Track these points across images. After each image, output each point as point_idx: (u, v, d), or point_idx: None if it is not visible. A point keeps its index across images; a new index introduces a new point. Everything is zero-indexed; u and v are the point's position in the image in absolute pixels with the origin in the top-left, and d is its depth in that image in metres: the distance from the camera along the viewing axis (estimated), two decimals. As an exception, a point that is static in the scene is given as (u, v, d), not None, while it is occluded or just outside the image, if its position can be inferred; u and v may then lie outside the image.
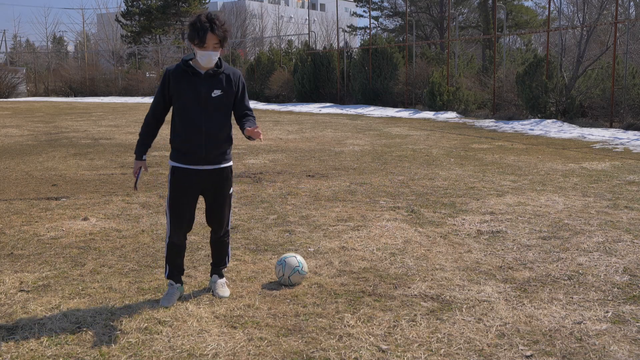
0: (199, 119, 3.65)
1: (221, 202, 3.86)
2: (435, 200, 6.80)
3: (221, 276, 4.05)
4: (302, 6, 77.59)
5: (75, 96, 42.13)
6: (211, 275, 4.07)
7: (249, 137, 3.71)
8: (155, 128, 3.88)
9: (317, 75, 27.16)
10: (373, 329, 3.44)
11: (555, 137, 13.56)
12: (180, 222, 3.82)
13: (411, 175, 8.51)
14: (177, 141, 3.75)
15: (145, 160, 3.92)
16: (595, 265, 4.49)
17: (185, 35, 3.74)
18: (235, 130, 3.84)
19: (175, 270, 3.90)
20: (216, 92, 3.64)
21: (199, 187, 3.79)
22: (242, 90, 3.77)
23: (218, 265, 4.05)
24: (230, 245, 4.13)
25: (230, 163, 3.86)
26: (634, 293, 3.95)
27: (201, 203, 4.00)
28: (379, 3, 39.66)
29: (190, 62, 3.64)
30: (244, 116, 3.81)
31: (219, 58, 3.67)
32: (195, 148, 3.68)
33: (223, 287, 3.96)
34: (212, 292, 3.95)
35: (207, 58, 3.56)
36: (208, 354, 3.16)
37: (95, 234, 5.51)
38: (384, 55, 24.26)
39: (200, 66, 3.63)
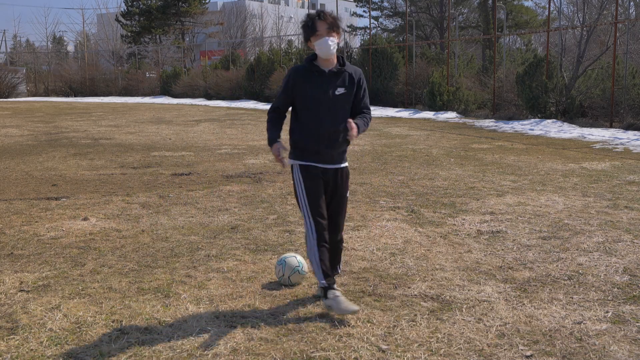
0: (323, 117, 3.62)
1: (339, 204, 3.79)
2: (435, 200, 6.80)
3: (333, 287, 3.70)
4: (302, 6, 77.58)
5: (75, 96, 42.14)
6: None
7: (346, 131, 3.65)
8: (281, 122, 3.75)
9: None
10: (373, 329, 3.44)
11: (555, 137, 13.56)
12: (321, 215, 3.63)
13: (411, 175, 8.51)
14: (301, 139, 3.67)
15: (280, 141, 3.62)
16: (595, 265, 4.49)
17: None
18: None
19: (327, 269, 3.62)
20: (340, 90, 3.63)
21: (322, 186, 3.71)
22: (363, 89, 3.74)
23: (332, 269, 3.79)
24: (342, 252, 3.96)
25: (347, 163, 3.82)
26: (634, 293, 3.95)
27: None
28: (379, 3, 39.67)
29: (314, 61, 3.65)
30: (360, 113, 3.76)
31: (341, 57, 3.68)
32: (319, 146, 3.64)
33: (349, 303, 3.60)
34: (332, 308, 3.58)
35: (324, 44, 3.53)
36: (208, 354, 3.16)
37: (95, 234, 5.51)
38: (384, 55, 24.27)
39: (322, 63, 3.63)
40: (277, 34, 48.91)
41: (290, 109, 3.76)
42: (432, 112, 20.42)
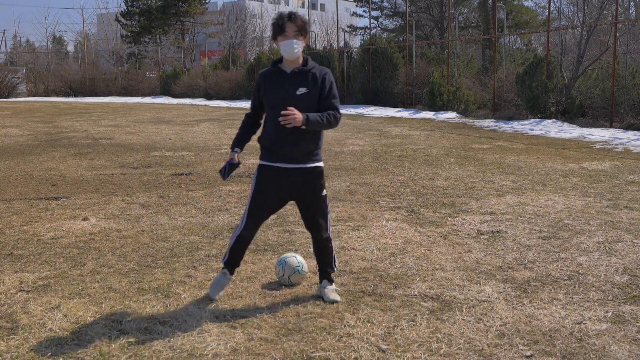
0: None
1: (313, 204, 3.77)
2: (435, 200, 6.80)
3: (331, 281, 3.94)
4: (302, 6, 77.56)
5: (75, 96, 42.14)
6: (321, 281, 3.97)
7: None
8: (252, 126, 3.91)
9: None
10: (373, 329, 3.44)
11: (555, 137, 13.56)
12: (257, 219, 3.80)
13: (411, 175, 8.51)
14: (265, 139, 3.75)
15: (236, 151, 3.83)
16: (595, 265, 4.49)
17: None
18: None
19: (234, 260, 3.91)
20: (301, 90, 3.66)
21: (285, 187, 3.75)
22: (328, 88, 3.74)
23: (325, 269, 3.94)
24: (334, 250, 4.00)
25: (319, 164, 3.78)
26: (634, 293, 3.95)
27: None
28: (379, 3, 39.67)
29: (279, 64, 3.75)
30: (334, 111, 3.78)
31: (306, 58, 3.74)
32: (283, 146, 3.68)
33: (334, 293, 3.87)
34: (323, 298, 3.85)
35: (288, 46, 3.62)
36: (208, 354, 3.16)
37: (95, 234, 5.51)
38: (384, 55, 24.27)
39: (287, 65, 3.71)
40: (277, 34, 48.84)
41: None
42: (432, 112, 20.42)
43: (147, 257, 4.82)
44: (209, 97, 33.10)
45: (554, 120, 16.33)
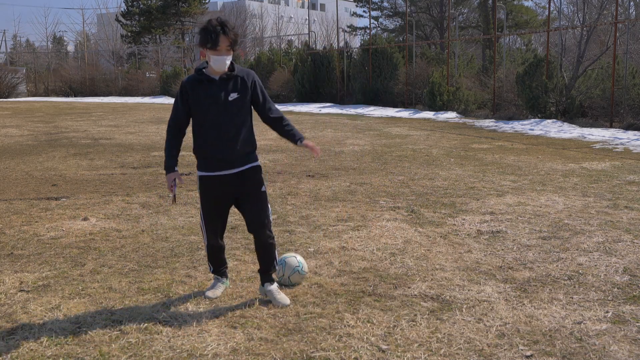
0: (219, 125, 3.64)
1: (254, 201, 3.77)
2: (435, 200, 6.80)
3: (273, 282, 3.89)
4: (302, 6, 77.57)
5: (75, 96, 42.14)
6: (262, 283, 3.89)
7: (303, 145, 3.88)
8: (180, 138, 3.79)
9: (317, 75, 27.17)
10: (373, 329, 3.44)
11: (555, 137, 13.56)
12: (215, 229, 3.88)
13: (411, 175, 8.51)
14: (201, 149, 3.72)
15: (177, 171, 3.80)
16: (595, 265, 4.49)
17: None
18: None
19: (218, 266, 3.99)
20: (233, 96, 3.64)
21: (230, 193, 3.78)
22: (259, 90, 3.75)
23: (268, 269, 3.89)
24: (276, 249, 3.95)
25: (257, 162, 3.83)
26: (634, 293, 3.95)
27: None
28: (379, 3, 39.67)
29: (204, 70, 3.68)
30: (280, 120, 3.83)
31: (232, 63, 3.68)
32: (220, 153, 3.67)
33: (280, 294, 3.82)
34: (272, 301, 3.78)
35: (220, 62, 3.57)
36: (208, 354, 3.16)
37: (95, 234, 5.51)
38: (384, 55, 24.27)
39: (213, 72, 3.65)
40: (277, 34, 48.92)
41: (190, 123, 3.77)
42: (432, 112, 20.41)
43: (147, 257, 4.82)
44: (209, 97, 33.03)
45: (554, 120, 16.33)
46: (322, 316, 3.61)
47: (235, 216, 6.13)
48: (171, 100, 33.54)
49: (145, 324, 3.51)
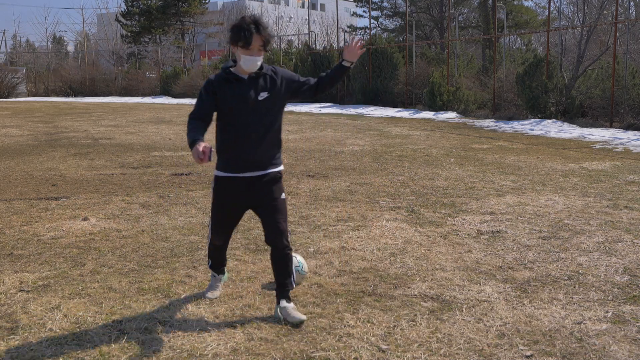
0: (247, 125, 3.48)
1: (273, 208, 3.56)
2: (435, 200, 6.79)
3: (290, 300, 3.63)
4: (302, 6, 77.57)
5: (75, 96, 42.14)
6: (278, 301, 3.62)
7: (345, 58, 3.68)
8: (203, 126, 3.49)
9: (317, 75, 27.15)
10: (373, 329, 3.44)
11: (555, 137, 13.56)
12: (223, 233, 3.75)
13: (411, 175, 8.51)
14: (226, 149, 3.53)
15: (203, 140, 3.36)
16: (595, 265, 4.49)
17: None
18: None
19: (217, 263, 3.94)
20: (263, 95, 3.48)
21: (248, 197, 3.57)
22: (288, 78, 3.58)
23: (285, 285, 3.62)
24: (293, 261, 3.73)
25: (280, 167, 3.64)
26: (634, 293, 3.95)
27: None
28: (379, 3, 39.67)
29: (231, 69, 3.53)
30: (319, 82, 3.67)
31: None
32: (246, 154, 3.50)
33: (296, 312, 3.55)
34: (286, 319, 3.53)
35: (252, 62, 3.42)
36: (208, 354, 3.16)
37: (95, 234, 5.51)
38: (384, 55, 24.27)
39: (242, 71, 3.49)
40: (277, 34, 48.90)
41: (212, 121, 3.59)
42: (432, 112, 20.42)
43: (147, 257, 4.82)
44: (209, 97, 33.04)
45: (554, 120, 16.33)
46: (322, 316, 3.61)
47: (235, 216, 6.12)
48: (171, 101, 33.55)
49: (145, 324, 3.51)
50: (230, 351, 3.19)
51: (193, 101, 33.24)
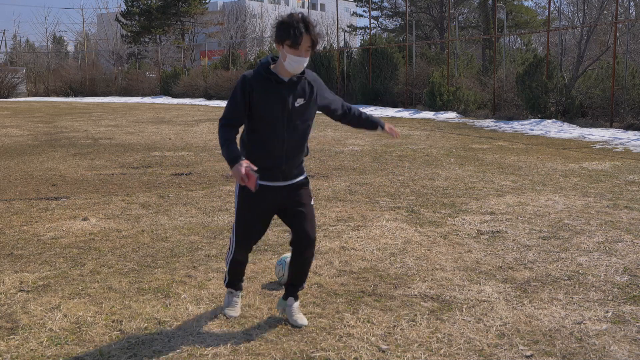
0: (281, 131, 3.27)
1: (302, 215, 3.42)
2: (435, 200, 6.79)
3: (297, 298, 3.58)
4: (302, 6, 77.58)
5: (75, 96, 42.14)
6: (285, 298, 3.58)
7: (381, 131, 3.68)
8: (236, 135, 3.29)
9: (317, 75, 27.15)
10: (373, 329, 3.44)
11: (555, 137, 13.56)
12: (247, 244, 3.50)
13: (411, 175, 8.51)
14: (255, 156, 3.26)
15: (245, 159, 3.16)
16: (595, 265, 4.49)
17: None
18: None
19: (237, 279, 3.64)
20: (299, 101, 3.28)
21: (275, 205, 3.40)
22: (322, 91, 3.42)
23: (298, 286, 3.58)
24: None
25: (306, 174, 3.50)
26: (634, 293, 3.95)
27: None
28: (379, 3, 39.67)
29: (270, 67, 3.27)
30: (350, 110, 3.57)
31: None
32: (278, 161, 3.30)
33: (300, 314, 3.54)
34: (288, 318, 3.51)
35: (299, 63, 3.18)
36: (208, 354, 3.16)
37: (95, 234, 5.51)
38: (384, 55, 24.27)
39: (283, 72, 3.23)
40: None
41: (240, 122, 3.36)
42: (432, 112, 20.42)
43: (147, 257, 4.82)
44: (209, 97, 33.10)
45: (554, 120, 16.33)
46: (322, 316, 3.61)
47: (234, 216, 6.12)
48: (171, 101, 33.54)
49: (145, 324, 3.51)
50: (230, 351, 3.19)
51: (193, 101, 33.22)
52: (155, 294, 3.99)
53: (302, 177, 3.45)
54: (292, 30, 3.13)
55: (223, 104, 29.47)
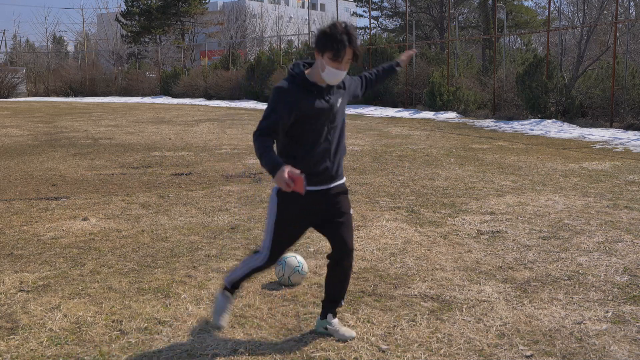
0: (327, 135, 3.19)
1: (344, 223, 3.29)
2: (435, 200, 6.79)
3: (335, 315, 3.40)
4: (302, 6, 77.57)
5: (75, 96, 42.15)
6: (324, 316, 3.39)
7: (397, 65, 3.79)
8: (273, 144, 3.13)
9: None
10: (373, 329, 3.44)
11: (555, 137, 13.56)
12: (282, 252, 3.33)
13: (411, 175, 8.51)
14: (299, 162, 3.12)
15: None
16: (595, 265, 4.49)
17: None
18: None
19: (240, 284, 3.45)
20: (339, 101, 3.25)
21: (319, 211, 3.26)
22: (348, 81, 3.39)
23: (338, 302, 3.39)
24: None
25: (345, 177, 3.41)
26: (634, 293, 3.95)
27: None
28: (379, 3, 39.66)
29: (306, 74, 3.17)
30: (367, 78, 3.68)
31: None
32: (324, 165, 3.20)
33: (344, 327, 3.40)
34: (334, 335, 3.36)
35: (337, 76, 3.11)
36: (208, 354, 3.16)
37: (95, 234, 5.51)
38: (384, 55, 24.27)
39: (319, 80, 3.14)
40: (277, 34, 48.91)
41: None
42: (432, 112, 20.42)
43: (147, 257, 4.82)
44: (209, 97, 33.10)
45: (554, 120, 16.33)
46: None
47: (235, 216, 6.12)
48: (171, 101, 33.54)
49: (145, 324, 3.51)
50: (230, 351, 3.19)
51: (193, 101, 33.18)
52: (155, 294, 3.99)
53: (344, 180, 3.36)
54: (335, 44, 3.02)
55: (223, 104, 29.47)
